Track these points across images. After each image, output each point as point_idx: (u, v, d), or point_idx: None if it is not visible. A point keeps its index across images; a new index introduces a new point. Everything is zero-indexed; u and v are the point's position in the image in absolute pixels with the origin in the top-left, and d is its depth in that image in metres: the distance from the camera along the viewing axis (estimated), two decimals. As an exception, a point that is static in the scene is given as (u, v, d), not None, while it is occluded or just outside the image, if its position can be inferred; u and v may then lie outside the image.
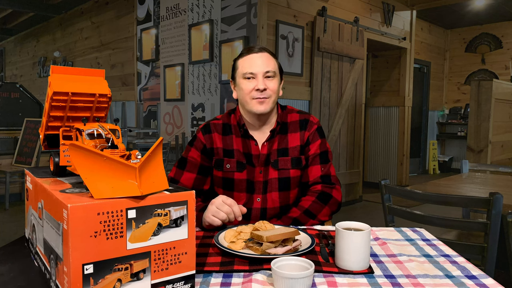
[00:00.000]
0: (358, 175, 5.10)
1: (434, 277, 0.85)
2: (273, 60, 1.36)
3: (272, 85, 1.33)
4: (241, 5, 4.05)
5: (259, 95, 1.31)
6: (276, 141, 1.40)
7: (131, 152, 0.77)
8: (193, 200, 0.76)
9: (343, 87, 4.74)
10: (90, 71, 0.91)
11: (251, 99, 1.32)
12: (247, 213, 1.37)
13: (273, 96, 1.34)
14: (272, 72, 1.33)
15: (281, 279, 0.76)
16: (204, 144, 1.40)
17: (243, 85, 1.34)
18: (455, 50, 7.84)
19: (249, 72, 1.32)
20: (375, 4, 5.18)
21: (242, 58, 1.36)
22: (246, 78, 1.33)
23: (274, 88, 1.33)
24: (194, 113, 4.75)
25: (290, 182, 1.38)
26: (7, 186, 4.46)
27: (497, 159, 3.94)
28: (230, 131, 1.41)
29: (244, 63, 1.35)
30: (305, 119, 1.43)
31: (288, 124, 1.42)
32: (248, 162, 1.38)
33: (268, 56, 1.35)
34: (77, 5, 7.08)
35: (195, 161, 1.39)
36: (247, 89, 1.32)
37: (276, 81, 1.34)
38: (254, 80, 1.32)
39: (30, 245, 0.94)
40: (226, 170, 1.37)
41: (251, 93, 1.32)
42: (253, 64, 1.32)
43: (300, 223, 1.29)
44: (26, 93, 5.44)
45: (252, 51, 1.35)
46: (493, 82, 3.72)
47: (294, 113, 1.45)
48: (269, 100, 1.32)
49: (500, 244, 1.55)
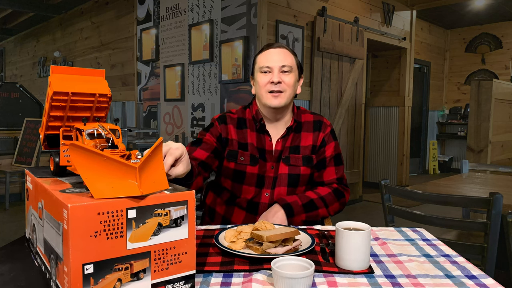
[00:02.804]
0: (358, 175, 5.10)
1: (434, 277, 0.85)
2: (291, 56, 1.37)
3: (288, 79, 1.34)
4: (241, 5, 4.05)
5: (273, 88, 1.33)
6: (290, 138, 1.41)
7: (131, 152, 0.77)
8: (193, 200, 0.76)
9: (343, 87, 4.74)
10: (90, 71, 0.91)
11: (266, 92, 1.34)
12: (254, 206, 1.38)
13: (288, 90, 1.35)
14: (288, 67, 1.34)
15: (281, 279, 0.76)
16: (220, 133, 1.40)
17: (259, 79, 1.36)
18: (455, 50, 7.83)
19: (265, 66, 1.34)
20: (375, 4, 5.18)
21: (261, 53, 1.39)
22: (263, 72, 1.35)
23: (290, 82, 1.34)
24: (194, 113, 4.74)
25: (299, 179, 1.40)
26: (7, 186, 4.45)
27: (497, 159, 3.94)
28: (245, 125, 1.42)
29: (261, 58, 1.37)
30: (319, 121, 1.46)
31: (302, 124, 1.44)
32: (261, 156, 1.39)
33: (286, 52, 1.36)
34: (77, 5, 7.07)
35: (210, 142, 1.37)
36: (263, 83, 1.35)
37: (292, 76, 1.35)
38: (270, 74, 1.34)
39: (30, 245, 0.94)
40: (239, 162, 1.38)
41: (266, 86, 1.34)
42: (270, 59, 1.35)
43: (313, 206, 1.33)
44: (26, 93, 5.44)
45: (271, 47, 1.38)
46: (493, 82, 3.72)
47: (307, 114, 1.48)
48: (284, 94, 1.34)
49: (500, 244, 1.55)
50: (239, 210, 1.39)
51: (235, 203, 1.40)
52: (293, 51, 1.40)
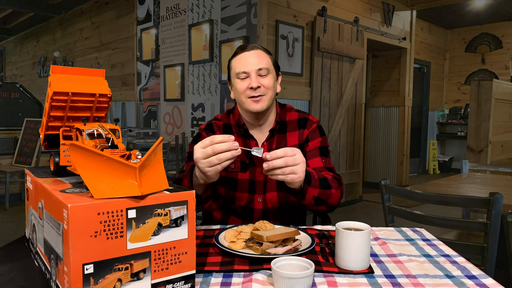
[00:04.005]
0: (358, 175, 5.10)
1: (434, 277, 0.85)
2: (266, 56, 1.34)
3: (267, 82, 1.30)
4: (241, 5, 4.05)
5: (253, 94, 1.29)
6: (275, 140, 1.39)
7: (131, 152, 0.77)
8: (193, 200, 0.76)
9: (343, 87, 4.74)
10: (90, 71, 0.91)
11: (246, 98, 1.31)
12: (248, 213, 1.36)
13: (269, 93, 1.31)
14: (265, 69, 1.30)
15: (281, 279, 0.76)
16: None
17: (238, 85, 1.32)
18: (455, 50, 7.84)
19: (242, 72, 1.30)
20: (375, 4, 5.18)
21: (235, 57, 1.36)
22: (240, 78, 1.31)
23: (269, 84, 1.31)
24: (194, 113, 4.75)
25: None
26: (7, 186, 4.45)
27: (497, 159, 3.94)
28: (231, 131, 1.41)
29: (237, 63, 1.34)
30: (304, 118, 1.42)
31: (287, 123, 1.41)
32: (250, 161, 1.37)
33: (260, 53, 1.33)
34: (77, 5, 7.08)
35: None
36: (242, 88, 1.31)
37: (270, 78, 1.32)
38: (248, 79, 1.30)
39: (30, 245, 0.94)
40: (230, 170, 1.36)
41: (246, 92, 1.30)
42: (246, 63, 1.31)
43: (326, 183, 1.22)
44: (26, 93, 5.44)
45: (244, 50, 1.34)
46: (493, 82, 3.72)
47: (293, 112, 1.43)
48: (264, 97, 1.31)
49: (500, 244, 1.55)
50: (234, 217, 1.38)
51: (231, 209, 1.39)
52: (267, 50, 1.37)
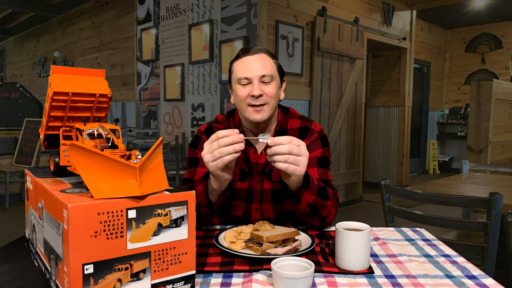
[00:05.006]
0: (358, 175, 5.10)
1: (434, 277, 0.85)
2: (270, 61, 1.25)
3: (269, 90, 1.21)
4: (241, 5, 4.05)
5: (255, 102, 1.20)
6: None
7: (131, 152, 0.77)
8: (193, 200, 0.76)
9: (343, 87, 4.74)
10: (90, 71, 0.91)
11: (247, 106, 1.22)
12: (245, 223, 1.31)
13: (271, 101, 1.22)
14: (269, 76, 1.21)
15: (281, 279, 0.76)
16: None
17: (238, 91, 1.23)
18: (455, 50, 7.84)
19: (243, 77, 1.21)
20: (375, 4, 5.18)
21: (237, 60, 1.27)
22: (241, 84, 1.23)
23: (272, 93, 1.21)
24: (194, 113, 4.75)
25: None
26: (7, 186, 4.45)
27: (497, 159, 3.94)
28: None
29: (238, 67, 1.25)
30: (305, 127, 1.32)
31: (288, 131, 1.31)
32: (249, 170, 1.31)
33: (264, 58, 1.24)
34: (77, 5, 7.08)
35: None
36: (242, 95, 1.22)
37: (273, 85, 1.22)
38: (250, 86, 1.21)
39: (30, 245, 0.94)
40: None
41: (247, 100, 1.21)
42: (248, 68, 1.22)
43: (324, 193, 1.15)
44: (26, 93, 5.44)
45: (247, 53, 1.25)
46: (493, 82, 3.72)
47: (295, 119, 1.34)
48: (266, 107, 1.21)
49: (500, 244, 1.55)
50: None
51: (227, 218, 1.34)
52: (272, 54, 1.27)
